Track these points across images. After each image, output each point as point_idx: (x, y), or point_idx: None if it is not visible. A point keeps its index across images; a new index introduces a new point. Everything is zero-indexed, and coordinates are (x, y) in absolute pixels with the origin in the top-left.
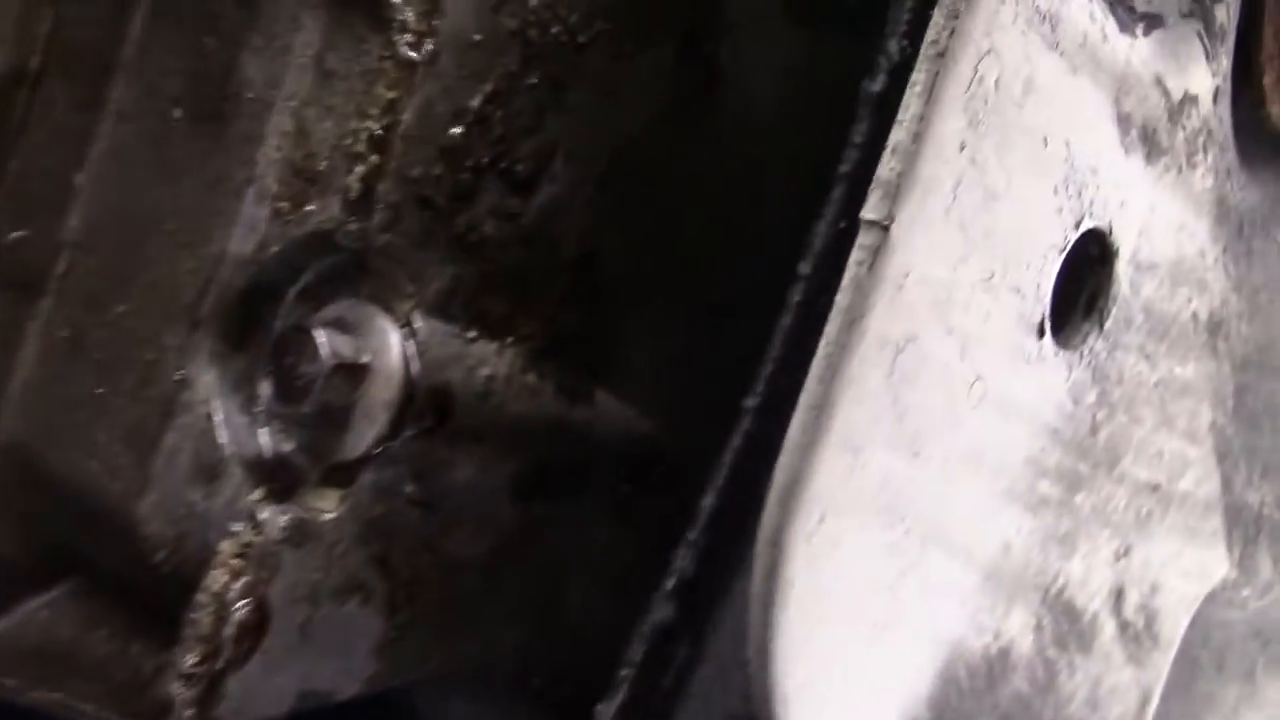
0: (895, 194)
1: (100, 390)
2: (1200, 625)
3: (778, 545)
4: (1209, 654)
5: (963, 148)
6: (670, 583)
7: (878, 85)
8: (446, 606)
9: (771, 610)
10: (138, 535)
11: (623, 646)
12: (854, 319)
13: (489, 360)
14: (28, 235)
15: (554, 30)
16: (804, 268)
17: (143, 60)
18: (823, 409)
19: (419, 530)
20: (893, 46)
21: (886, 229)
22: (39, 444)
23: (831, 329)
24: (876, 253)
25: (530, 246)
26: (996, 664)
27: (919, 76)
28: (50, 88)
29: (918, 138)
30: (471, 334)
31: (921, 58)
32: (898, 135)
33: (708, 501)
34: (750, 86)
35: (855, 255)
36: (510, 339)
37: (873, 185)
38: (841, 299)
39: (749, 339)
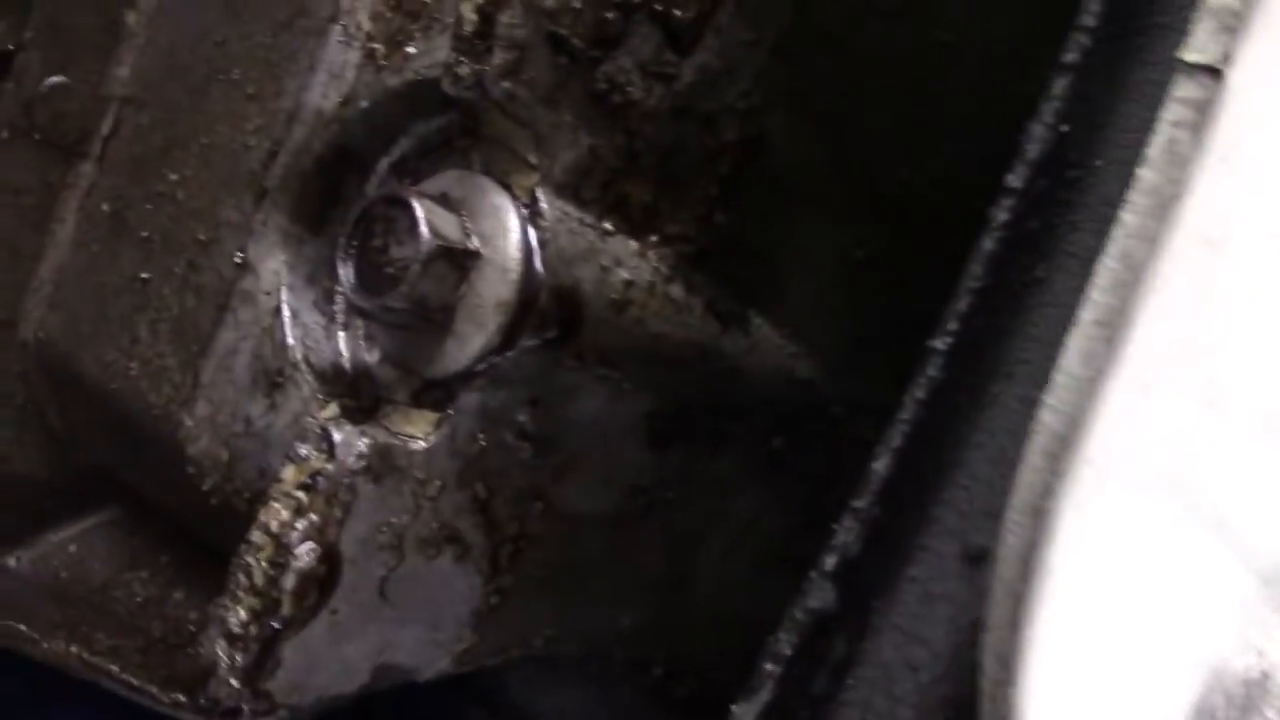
0: (1236, 27)
1: (144, 276)
2: None
3: (1042, 515)
4: None
5: None
6: (830, 561)
7: None
8: (557, 571)
9: (1025, 605)
10: (183, 455)
11: (766, 636)
12: (1166, 202)
13: (628, 261)
14: (67, 83)
15: None
16: (1013, 179)
17: None
18: (1116, 328)
19: (530, 472)
20: None
21: (1218, 75)
22: (70, 341)
23: (1132, 217)
24: (1205, 110)
25: (685, 119)
26: (1254, 691)
27: None
28: None
29: None
30: (607, 225)
31: None
32: None
33: (880, 464)
34: None
35: (1172, 113)
36: (654, 238)
37: (1197, 15)
38: (1150, 175)
39: (935, 264)
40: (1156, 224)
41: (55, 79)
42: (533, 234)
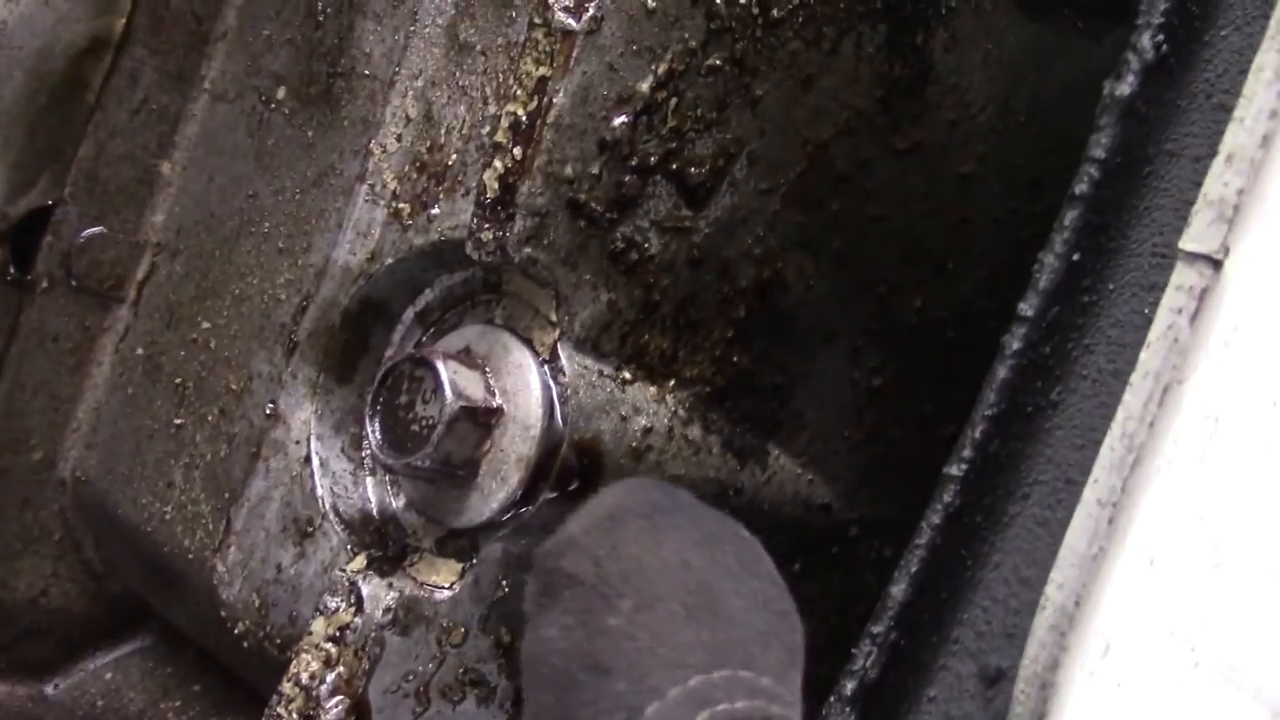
0: (1233, 218)
1: (178, 422)
2: None
3: (1050, 688)
4: None
5: None
6: (849, 687)
7: (1126, 88)
8: None
9: None
10: (216, 599)
11: None
12: (1168, 386)
13: (647, 408)
14: (104, 233)
15: (743, 1)
16: (1025, 307)
17: (245, 29)
18: (1120, 507)
19: None
20: (1145, 42)
21: (1218, 265)
22: (107, 481)
23: (1135, 400)
24: (1203, 297)
25: (701, 269)
26: None
27: (1268, 59)
28: (135, 58)
29: (1267, 141)
30: (626, 374)
31: (1272, 35)
32: (1237, 138)
33: (898, 589)
34: (965, 86)
35: (1171, 300)
36: (672, 382)
37: (1197, 206)
38: (1151, 359)
39: (947, 391)
40: (1157, 407)
41: (92, 229)
42: (554, 389)
